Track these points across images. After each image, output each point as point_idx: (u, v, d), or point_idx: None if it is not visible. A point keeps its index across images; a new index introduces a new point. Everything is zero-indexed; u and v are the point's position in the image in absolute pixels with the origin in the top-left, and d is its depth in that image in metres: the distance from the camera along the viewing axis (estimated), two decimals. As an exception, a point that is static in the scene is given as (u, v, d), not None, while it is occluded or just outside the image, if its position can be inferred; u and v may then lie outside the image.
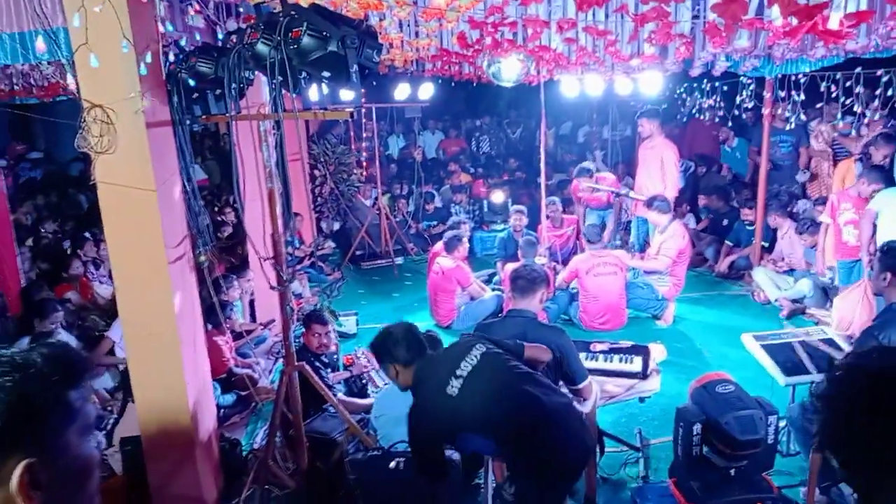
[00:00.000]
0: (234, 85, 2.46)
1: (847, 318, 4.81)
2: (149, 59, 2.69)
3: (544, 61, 5.09)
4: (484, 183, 10.17)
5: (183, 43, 3.22)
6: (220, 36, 3.38)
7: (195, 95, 3.06)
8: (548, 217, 7.09)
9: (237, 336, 5.12)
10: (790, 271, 6.41)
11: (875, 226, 4.88)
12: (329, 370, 4.21)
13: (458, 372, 2.50)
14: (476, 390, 2.46)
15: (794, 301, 6.09)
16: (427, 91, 8.12)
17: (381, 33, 3.95)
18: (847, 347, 3.66)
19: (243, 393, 4.57)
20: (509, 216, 7.45)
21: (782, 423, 2.94)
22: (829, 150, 7.10)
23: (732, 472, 2.77)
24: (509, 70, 4.89)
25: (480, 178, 10.42)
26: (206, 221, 3.29)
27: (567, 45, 4.64)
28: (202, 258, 3.32)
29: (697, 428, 2.76)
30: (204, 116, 2.94)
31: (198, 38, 3.16)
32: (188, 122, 3.02)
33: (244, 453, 3.96)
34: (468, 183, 10.24)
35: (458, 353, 2.61)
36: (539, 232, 6.97)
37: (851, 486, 1.05)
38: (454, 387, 2.45)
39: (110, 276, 5.01)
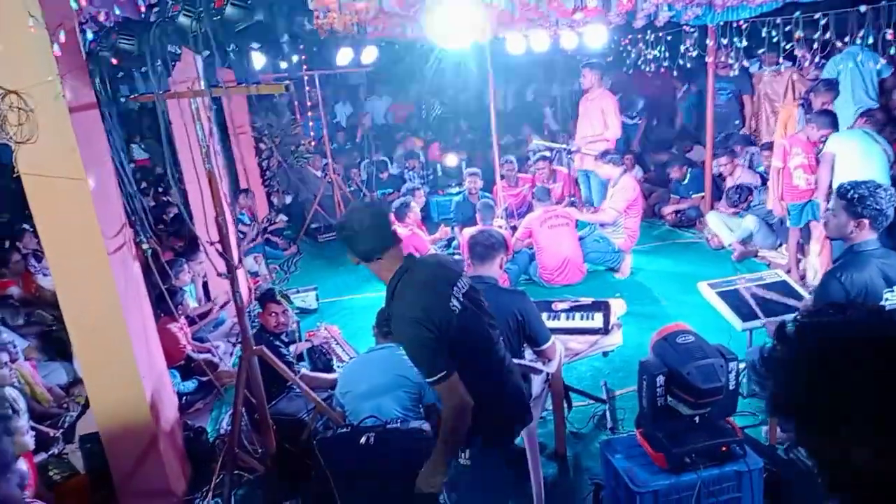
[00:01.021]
0: (158, 62, 2.30)
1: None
2: (63, 37, 2.50)
3: (488, 20, 4.96)
4: (437, 147, 10.05)
5: (102, 19, 3.00)
6: (143, 9, 3.16)
7: (120, 74, 2.88)
8: (503, 176, 7.06)
9: (193, 321, 4.98)
10: (741, 214, 6.56)
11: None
12: (290, 348, 4.13)
13: (456, 290, 2.26)
14: (469, 316, 2.27)
15: (744, 241, 6.26)
16: (371, 55, 7.88)
17: (316, -3, 3.75)
18: (800, 289, 3.76)
19: (204, 379, 4.46)
20: (464, 179, 7.37)
21: (742, 366, 2.99)
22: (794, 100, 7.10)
23: (697, 419, 2.81)
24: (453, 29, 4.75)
25: (434, 142, 10.28)
26: (146, 206, 3.13)
27: (510, 1, 4.52)
28: (145, 246, 3.17)
29: (661, 380, 2.79)
30: (131, 96, 2.76)
31: (118, 12, 2.95)
32: (115, 103, 2.83)
33: (210, 440, 3.89)
34: (421, 148, 10.09)
35: (452, 270, 2.37)
36: (494, 193, 6.94)
37: (806, 450, 1.04)
38: (455, 306, 2.21)
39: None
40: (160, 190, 8.32)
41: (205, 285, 5.71)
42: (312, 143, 8.98)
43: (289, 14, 1.93)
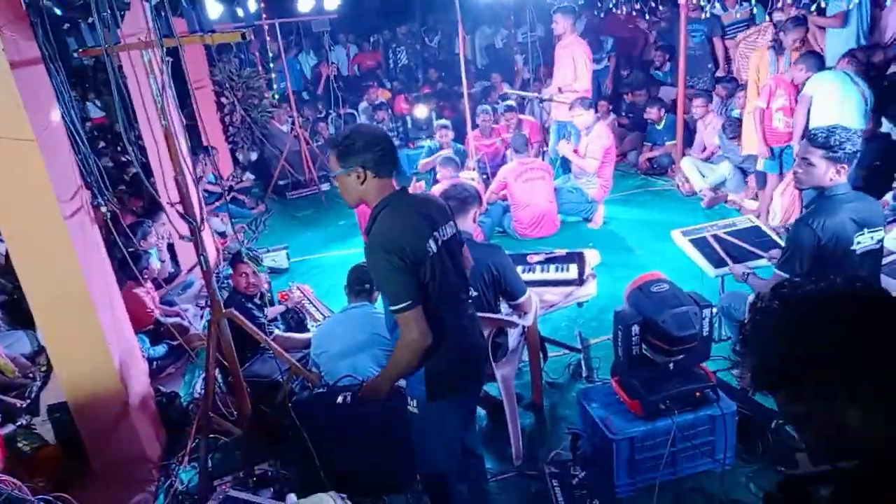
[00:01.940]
0: (106, 12, 2.13)
1: (789, 210, 4.99)
2: (-4, -15, 2.31)
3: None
4: (405, 98, 9.80)
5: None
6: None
7: (66, 26, 2.68)
8: (476, 126, 6.92)
9: (157, 286, 4.85)
10: (714, 160, 6.56)
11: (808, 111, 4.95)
12: (264, 311, 4.05)
13: (436, 234, 2.20)
14: (440, 264, 2.21)
15: (715, 188, 6.29)
16: (333, 1, 7.57)
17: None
18: (773, 234, 3.79)
19: (174, 343, 4.38)
20: (435, 131, 7.21)
21: (715, 311, 3.02)
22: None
23: (671, 366, 2.85)
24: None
25: (400, 94, 10.03)
26: (101, 167, 2.97)
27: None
28: (104, 208, 3.03)
29: (636, 329, 2.80)
30: (79, 50, 2.57)
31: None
32: (61, 57, 2.65)
33: (184, 404, 3.84)
34: (387, 99, 9.84)
35: (438, 213, 2.28)
36: (467, 144, 6.82)
37: (795, 423, 1.04)
38: (431, 247, 2.15)
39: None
40: (119, 149, 8.02)
41: (171, 247, 5.56)
42: (276, 97, 8.68)
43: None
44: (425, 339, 2.11)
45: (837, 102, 4.76)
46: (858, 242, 2.84)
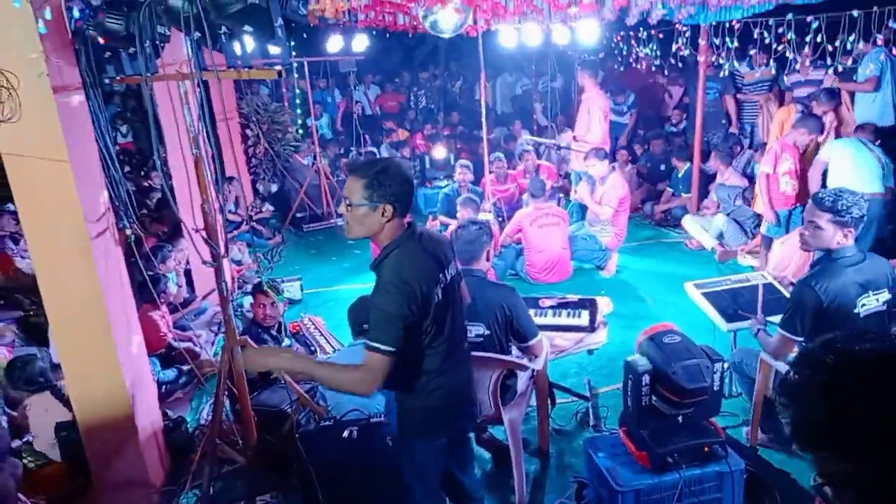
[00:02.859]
0: (147, 43, 2.23)
1: (785, 261, 4.99)
2: (48, 15, 2.42)
3: (482, 11, 4.93)
4: (422, 136, 9.97)
5: (88, -4, 2.92)
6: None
7: (107, 54, 2.79)
8: (491, 173, 7.03)
9: (174, 309, 4.91)
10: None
11: (825, 175, 5.01)
12: (278, 342, 4.08)
13: (443, 276, 2.19)
14: (446, 306, 2.21)
15: (720, 241, 6.33)
16: (361, 43, 7.81)
17: (309, -17, 3.70)
18: (785, 292, 3.78)
19: (185, 368, 4.40)
20: (453, 172, 7.33)
21: (726, 367, 3.01)
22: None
23: (680, 419, 2.82)
24: (446, 20, 4.72)
25: (418, 132, 10.21)
26: (130, 191, 3.06)
27: (505, -7, 4.50)
28: (128, 231, 3.10)
29: (646, 379, 2.79)
30: (118, 77, 2.68)
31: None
32: (100, 84, 2.76)
33: (190, 430, 3.84)
34: (406, 139, 10.03)
35: (446, 255, 2.26)
36: (483, 186, 6.91)
37: (836, 479, 0.96)
38: (438, 294, 2.14)
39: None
40: (143, 174, 8.20)
41: (187, 273, 5.63)
42: (299, 132, 8.88)
43: (284, -2, 1.89)
44: (373, 389, 2.08)
45: (853, 167, 4.82)
46: (863, 305, 2.85)
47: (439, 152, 8.80)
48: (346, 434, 2.95)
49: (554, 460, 3.53)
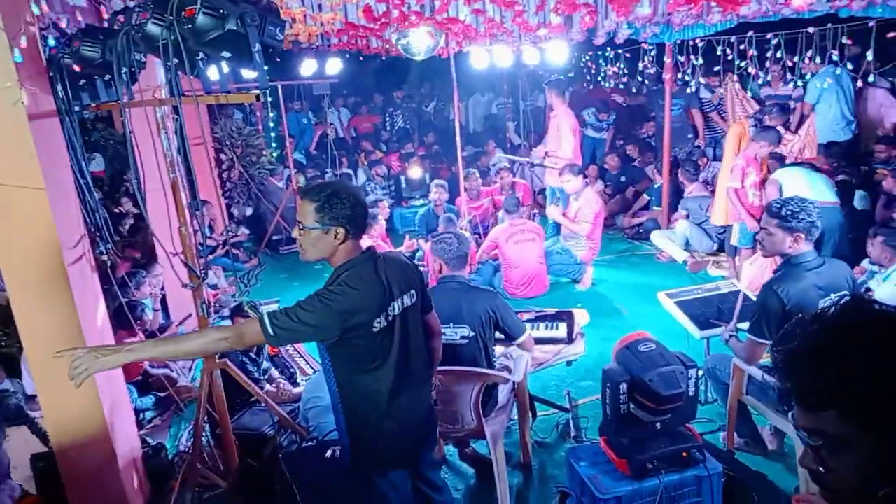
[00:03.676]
0: (124, 69, 2.26)
1: (757, 280, 5.13)
2: (24, 43, 2.44)
3: (453, 33, 5.03)
4: (398, 157, 10.05)
5: (64, 25, 2.94)
6: (107, 16, 3.11)
7: (82, 82, 2.81)
8: (465, 189, 7.11)
9: (150, 335, 4.86)
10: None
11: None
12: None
13: (392, 308, 2.18)
14: (392, 335, 2.20)
15: (688, 249, 6.50)
16: (335, 66, 7.88)
17: (281, 8, 3.76)
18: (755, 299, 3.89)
19: (162, 394, 4.36)
20: (428, 191, 7.40)
21: (700, 373, 3.08)
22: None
23: (658, 425, 2.88)
24: (419, 43, 4.81)
25: (395, 152, 10.28)
26: (104, 216, 3.05)
27: (475, 16, 4.60)
28: (104, 257, 3.09)
29: (624, 387, 2.84)
30: (93, 104, 2.70)
31: (80, 18, 2.89)
32: (76, 111, 2.77)
33: (170, 456, 3.79)
34: (382, 158, 10.10)
35: (402, 282, 2.25)
36: (458, 205, 6.98)
37: (829, 446, 0.95)
38: (379, 323, 2.13)
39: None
40: (114, 200, 8.12)
41: (163, 299, 5.58)
42: (273, 154, 8.88)
43: (261, 24, 1.92)
44: (228, 348, 2.07)
45: (806, 182, 5.04)
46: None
47: (415, 172, 8.88)
48: (328, 454, 2.95)
49: (536, 472, 3.56)
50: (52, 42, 2.66)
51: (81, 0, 2.98)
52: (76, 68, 2.63)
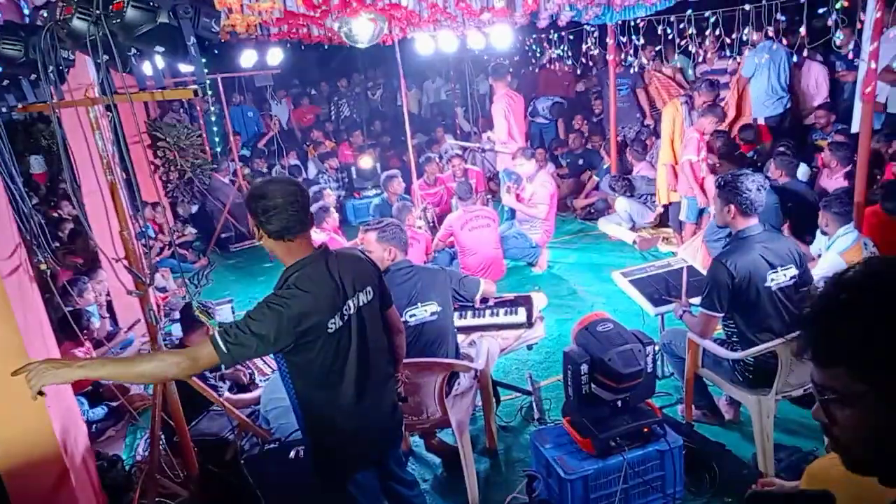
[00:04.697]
0: (51, 68, 2.13)
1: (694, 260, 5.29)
2: (-64, 43, 2.27)
3: (396, 19, 4.96)
4: (349, 146, 9.90)
5: (-20, 22, 2.75)
6: (27, 11, 2.93)
7: (5, 83, 2.64)
8: (420, 175, 7.05)
9: (98, 344, 4.68)
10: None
11: None
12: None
13: (347, 307, 2.13)
14: (349, 335, 2.16)
15: (632, 225, 6.64)
16: (276, 57, 7.69)
17: (218, -2, 3.62)
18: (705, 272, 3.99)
19: (114, 404, 4.20)
20: (380, 181, 7.31)
21: (657, 349, 3.14)
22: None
23: (619, 403, 2.93)
24: (362, 30, 4.73)
25: (344, 142, 10.12)
26: (42, 223, 2.89)
27: (418, 1, 4.54)
28: (43, 266, 2.94)
29: (584, 368, 2.88)
30: (20, 106, 2.54)
31: (-2, 14, 2.72)
32: (1, 113, 2.61)
33: (127, 468, 3.66)
34: (333, 149, 9.94)
35: (355, 274, 2.20)
36: (412, 193, 6.93)
37: (839, 401, 0.96)
38: (334, 323, 2.08)
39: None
40: (51, 204, 7.77)
41: (109, 304, 5.38)
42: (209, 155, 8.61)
43: (195, 15, 1.83)
44: (183, 375, 2.03)
45: None
46: (772, 280, 3.06)
47: (365, 162, 8.77)
48: (292, 455, 2.88)
49: (503, 457, 3.58)
50: (-32, 41, 2.49)
51: (-1, -5, 2.80)
52: (-2, 68, 2.47)
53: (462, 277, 3.61)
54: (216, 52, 8.36)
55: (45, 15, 2.16)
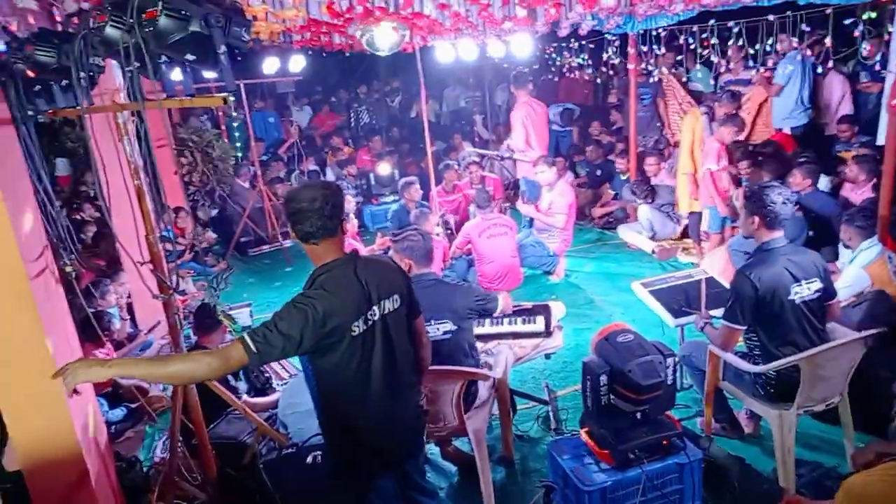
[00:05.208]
0: (83, 75, 2.17)
1: (718, 270, 5.24)
2: (-28, 49, 2.33)
3: (418, 28, 4.99)
4: (367, 151, 9.95)
5: (14, 28, 2.81)
6: (60, 19, 2.98)
7: (37, 87, 2.69)
8: (439, 182, 7.06)
9: (118, 345, 4.73)
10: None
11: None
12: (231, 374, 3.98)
13: (372, 312, 2.16)
14: (373, 340, 2.19)
15: (652, 235, 6.60)
16: (298, 64, 7.76)
17: (244, 7, 3.67)
18: (726, 285, 3.95)
19: (133, 405, 4.25)
20: (398, 187, 7.33)
21: (677, 361, 3.12)
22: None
23: (639, 415, 2.90)
24: (383, 38, 4.76)
25: (363, 147, 10.17)
26: (67, 225, 2.94)
27: (440, 10, 4.56)
28: (68, 268, 2.98)
29: (604, 379, 2.86)
30: (50, 111, 2.59)
31: (32, 21, 2.77)
32: (31, 117, 2.66)
33: (146, 469, 3.70)
34: (352, 155, 9.99)
35: (382, 280, 2.24)
36: (430, 200, 6.94)
37: None
38: (357, 326, 2.11)
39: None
40: (74, 207, 7.88)
41: (129, 306, 5.44)
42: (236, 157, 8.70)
43: (226, 24, 1.86)
44: (215, 376, 2.04)
45: None
46: (796, 293, 3.03)
47: (384, 168, 8.81)
48: (309, 460, 2.91)
49: (519, 466, 3.57)
50: (2, 47, 2.54)
51: (32, 3, 2.85)
52: (30, 74, 2.52)
53: (481, 295, 3.48)
54: (239, 58, 8.44)
55: (78, 23, 2.20)
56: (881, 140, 4.61)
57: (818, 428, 3.48)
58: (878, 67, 5.19)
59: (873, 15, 4.73)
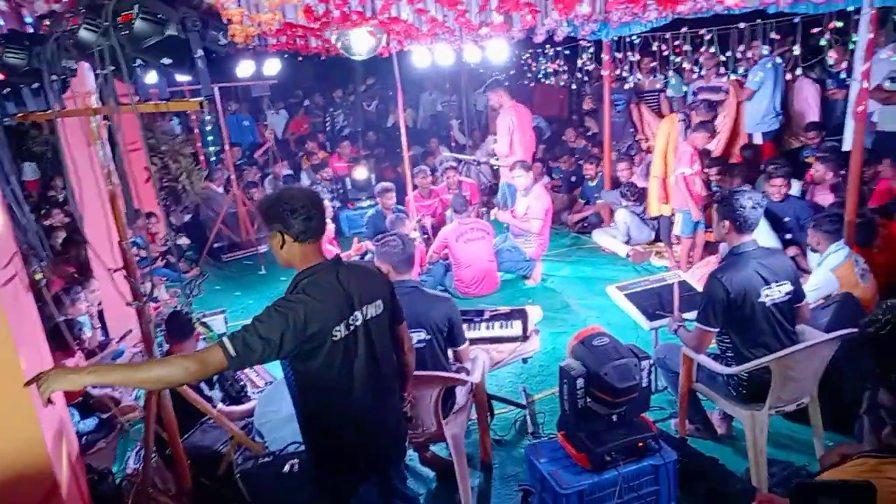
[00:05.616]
0: (54, 78, 2.12)
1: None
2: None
3: (395, 33, 4.99)
4: (339, 157, 9.91)
5: (-19, 30, 2.75)
6: (29, 20, 2.92)
7: (6, 90, 2.63)
8: (415, 187, 7.06)
9: (90, 354, 4.63)
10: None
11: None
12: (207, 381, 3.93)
13: (354, 317, 2.16)
14: (355, 345, 2.18)
15: (628, 239, 6.67)
16: (273, 67, 7.70)
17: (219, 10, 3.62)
18: (699, 288, 4.01)
19: (105, 415, 4.16)
20: (374, 192, 7.32)
21: (651, 363, 3.16)
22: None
23: (615, 418, 2.94)
24: (360, 42, 4.75)
25: (334, 153, 10.13)
26: (38, 231, 2.87)
27: (418, 16, 4.57)
28: (38, 275, 2.92)
29: (580, 382, 2.88)
30: (20, 114, 2.53)
31: (1, 23, 2.71)
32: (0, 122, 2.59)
33: (118, 481, 3.62)
34: (325, 160, 9.94)
35: (364, 286, 2.22)
36: (407, 205, 6.94)
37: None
38: (338, 331, 2.10)
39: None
40: (42, 212, 7.70)
41: (100, 314, 5.33)
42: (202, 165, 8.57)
43: (203, 28, 1.84)
44: (192, 379, 1.99)
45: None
46: (767, 295, 3.09)
47: (360, 173, 8.77)
48: (287, 469, 2.88)
49: (497, 471, 3.57)
50: (-31, 49, 2.48)
51: (1, 4, 2.80)
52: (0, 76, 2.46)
53: (461, 324, 3.37)
54: (212, 58, 8.34)
55: (50, 25, 2.16)
56: (847, 146, 4.73)
57: (789, 428, 3.55)
58: (843, 75, 5.34)
59: (839, 24, 4.87)
